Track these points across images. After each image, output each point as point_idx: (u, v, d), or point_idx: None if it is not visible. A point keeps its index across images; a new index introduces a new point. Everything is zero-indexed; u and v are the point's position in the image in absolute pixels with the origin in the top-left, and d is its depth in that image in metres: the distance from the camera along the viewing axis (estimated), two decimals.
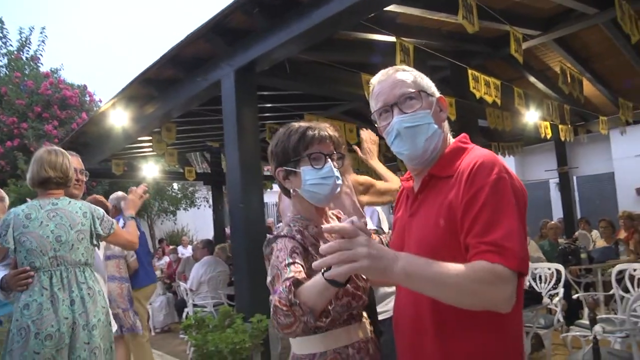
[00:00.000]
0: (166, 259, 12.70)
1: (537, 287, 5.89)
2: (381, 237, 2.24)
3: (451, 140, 1.73)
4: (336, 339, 1.80)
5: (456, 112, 6.78)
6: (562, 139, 9.96)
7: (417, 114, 1.63)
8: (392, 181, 3.06)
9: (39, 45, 13.93)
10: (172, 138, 7.86)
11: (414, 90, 1.65)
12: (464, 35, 6.21)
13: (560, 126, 9.56)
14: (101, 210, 3.24)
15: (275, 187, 11.31)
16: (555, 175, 12.99)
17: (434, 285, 1.38)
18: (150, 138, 8.74)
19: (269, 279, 1.67)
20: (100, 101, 14.27)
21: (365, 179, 3.11)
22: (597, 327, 2.93)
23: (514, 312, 1.46)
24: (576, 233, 9.92)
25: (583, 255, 7.15)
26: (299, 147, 1.83)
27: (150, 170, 12.24)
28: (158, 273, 11.09)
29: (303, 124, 1.88)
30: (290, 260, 1.64)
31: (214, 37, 4.99)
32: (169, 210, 18.86)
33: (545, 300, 4.84)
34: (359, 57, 6.14)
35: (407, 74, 1.70)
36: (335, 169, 1.85)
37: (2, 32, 13.58)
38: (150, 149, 9.50)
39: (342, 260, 1.31)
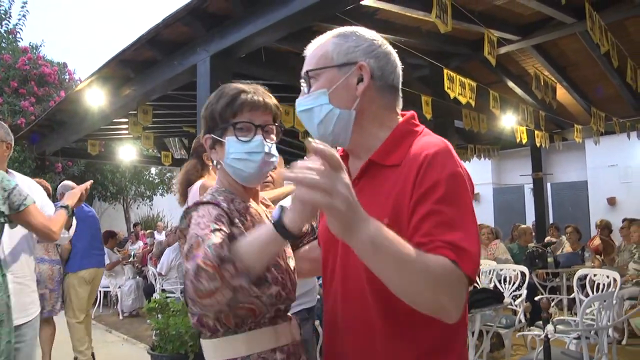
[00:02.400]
0: (140, 243, 12.65)
1: (502, 287, 5.97)
2: None
3: (399, 118, 1.46)
4: (261, 341, 1.49)
5: (432, 111, 6.85)
6: (538, 144, 10.11)
7: (309, 96, 1.41)
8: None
9: (19, 19, 13.72)
10: (149, 121, 7.82)
11: (311, 69, 1.42)
12: (443, 36, 6.26)
13: (536, 132, 9.70)
14: (13, 182, 2.68)
15: None
16: (531, 180, 13.17)
17: (396, 265, 1.12)
18: (127, 120, 8.68)
19: (185, 248, 1.35)
20: (80, 80, 14.08)
21: None
22: (549, 327, 2.99)
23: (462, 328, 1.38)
24: (547, 238, 10.08)
25: (549, 260, 7.28)
26: (226, 113, 1.54)
27: (127, 153, 12.18)
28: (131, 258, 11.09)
29: (239, 85, 1.57)
30: (216, 227, 1.34)
31: (192, 20, 4.98)
32: (146, 195, 18.76)
33: (507, 300, 4.92)
34: None
35: (322, 44, 1.44)
36: (267, 144, 1.55)
37: None
38: (127, 132, 9.44)
39: (320, 186, 1.03)
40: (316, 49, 1.44)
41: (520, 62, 8.44)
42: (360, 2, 4.64)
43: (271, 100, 1.59)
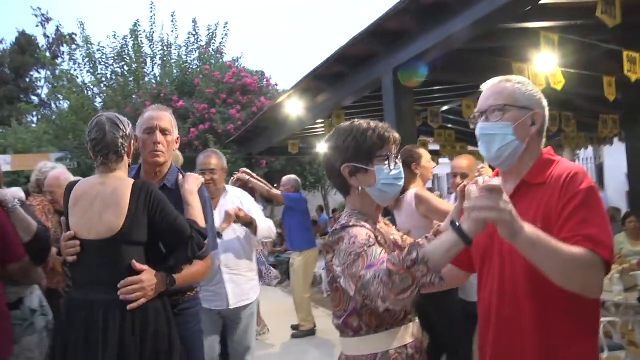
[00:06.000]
0: None
1: None
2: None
3: (540, 152, 1.88)
4: (397, 337, 1.84)
5: (616, 91, 6.64)
6: None
7: (497, 124, 1.81)
8: None
9: (222, 39, 15.65)
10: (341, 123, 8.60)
11: (502, 103, 1.81)
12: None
13: None
14: None
15: (444, 161, 11.43)
16: None
17: (550, 257, 1.54)
18: (323, 121, 9.60)
19: (341, 266, 1.73)
20: (277, 85, 15.58)
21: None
22: None
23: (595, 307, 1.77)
24: None
25: None
26: (375, 147, 1.88)
27: (324, 148, 13.22)
28: None
29: (372, 123, 1.93)
30: (370, 244, 1.69)
31: (373, 40, 5.58)
32: None
33: None
34: (509, 43, 6.25)
35: (507, 86, 1.85)
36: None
37: (195, 31, 15.43)
38: (323, 130, 10.36)
39: (491, 207, 1.44)
40: (500, 89, 1.85)
41: None
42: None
43: None
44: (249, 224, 3.92)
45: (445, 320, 3.94)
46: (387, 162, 1.89)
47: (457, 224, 1.52)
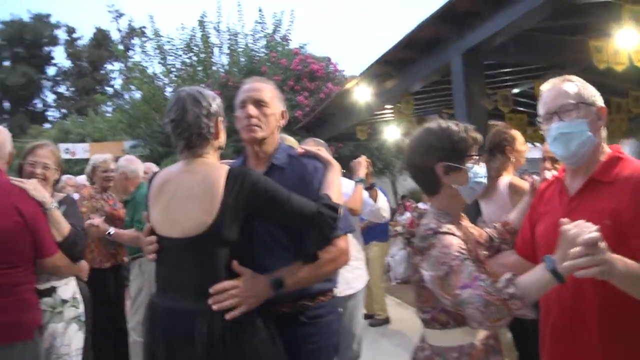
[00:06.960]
0: (407, 214, 13.52)
1: None
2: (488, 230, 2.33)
3: (606, 148, 1.95)
4: (481, 331, 1.91)
5: None
6: None
7: (573, 122, 1.86)
8: None
9: (289, 26, 15.77)
10: (410, 109, 8.48)
11: (573, 102, 1.87)
12: None
13: None
14: None
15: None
16: None
17: (634, 282, 1.63)
18: (392, 107, 9.51)
19: (434, 273, 1.82)
20: (343, 71, 15.53)
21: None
22: None
23: None
24: None
25: None
26: (468, 147, 1.99)
27: (392, 132, 13.16)
28: (399, 228, 12.05)
29: (460, 124, 2.03)
30: (463, 256, 1.79)
31: (442, 23, 5.45)
32: None
33: None
34: (585, 19, 5.91)
35: (571, 86, 1.92)
36: None
37: (260, 19, 15.63)
38: (392, 115, 10.27)
39: (593, 262, 1.49)
40: (566, 88, 1.92)
41: None
42: None
43: None
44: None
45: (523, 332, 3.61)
46: (476, 161, 2.00)
47: (552, 264, 1.57)
